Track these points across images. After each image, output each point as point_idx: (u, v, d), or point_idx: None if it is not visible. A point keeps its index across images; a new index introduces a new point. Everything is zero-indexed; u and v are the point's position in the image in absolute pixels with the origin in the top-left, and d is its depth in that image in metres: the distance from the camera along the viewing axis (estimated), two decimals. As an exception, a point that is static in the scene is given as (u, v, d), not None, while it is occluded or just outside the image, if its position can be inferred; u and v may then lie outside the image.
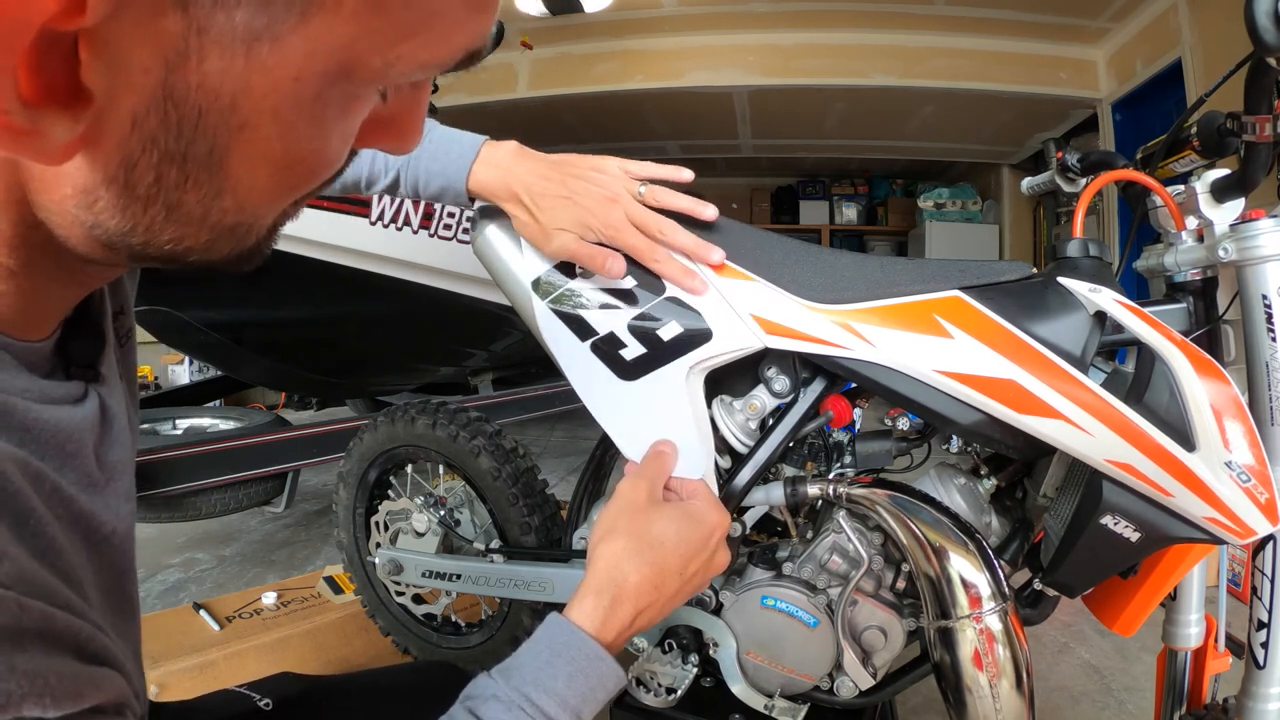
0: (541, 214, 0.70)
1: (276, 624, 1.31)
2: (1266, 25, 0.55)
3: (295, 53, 0.25)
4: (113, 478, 0.38)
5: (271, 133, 0.27)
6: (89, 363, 0.38)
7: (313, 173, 0.31)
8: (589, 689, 0.50)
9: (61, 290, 0.34)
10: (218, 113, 0.26)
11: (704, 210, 0.71)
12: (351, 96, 0.29)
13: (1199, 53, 3.06)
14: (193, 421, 2.34)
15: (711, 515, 0.62)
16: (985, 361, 0.64)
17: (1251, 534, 0.60)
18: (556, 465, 3.08)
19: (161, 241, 0.30)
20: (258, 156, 0.28)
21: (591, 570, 0.57)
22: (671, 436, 0.73)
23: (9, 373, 0.32)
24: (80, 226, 0.29)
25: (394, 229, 1.97)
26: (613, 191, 0.70)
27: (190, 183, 0.28)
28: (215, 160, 0.27)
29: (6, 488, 0.28)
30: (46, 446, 0.32)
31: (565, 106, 4.21)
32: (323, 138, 0.30)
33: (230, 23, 0.24)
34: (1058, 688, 1.43)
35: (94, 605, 0.33)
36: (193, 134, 0.26)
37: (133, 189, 0.28)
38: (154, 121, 0.26)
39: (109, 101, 0.25)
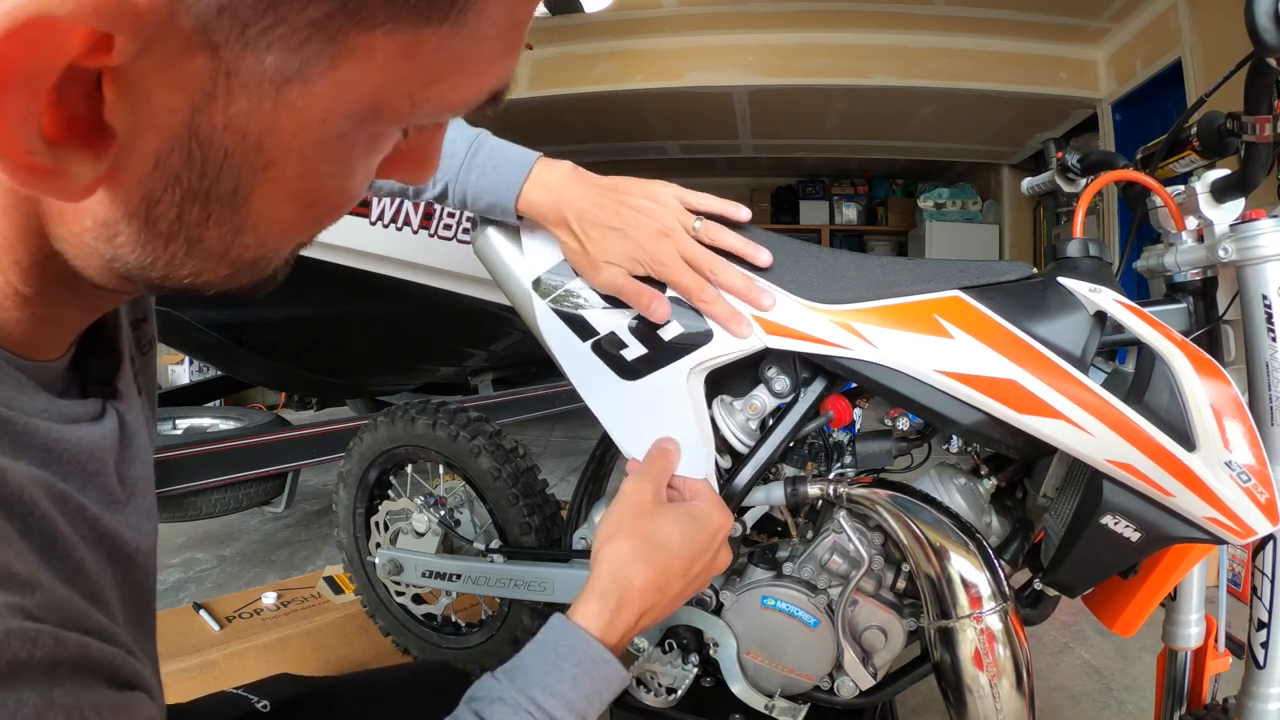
0: (591, 244, 0.69)
1: (276, 624, 1.31)
2: (1266, 25, 0.55)
3: (324, 96, 0.25)
4: (134, 494, 0.38)
5: (296, 172, 0.27)
6: (105, 380, 0.38)
7: (334, 209, 0.31)
8: (594, 691, 0.50)
9: (75, 314, 0.34)
10: (243, 153, 0.26)
11: (758, 255, 0.69)
12: (377, 136, 0.29)
13: (1199, 53, 3.06)
14: (193, 421, 2.34)
15: (715, 516, 0.62)
16: (985, 361, 0.64)
17: (1251, 534, 0.60)
18: (556, 465, 3.08)
19: (181, 275, 0.30)
20: (281, 195, 0.28)
21: (596, 572, 0.56)
22: (672, 433, 0.73)
23: (27, 394, 0.32)
24: (99, 259, 0.29)
25: (394, 229, 1.97)
26: (665, 225, 0.68)
27: (213, 220, 0.28)
28: (239, 199, 0.27)
29: (34, 512, 0.28)
30: (68, 466, 0.32)
31: (565, 106, 4.21)
32: (346, 175, 0.29)
33: (260, 66, 0.24)
34: (1058, 688, 1.43)
35: (120, 624, 0.32)
36: (217, 173, 0.26)
37: (154, 225, 0.27)
38: (177, 160, 0.25)
39: (132, 140, 0.24)
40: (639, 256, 0.68)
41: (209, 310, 2.09)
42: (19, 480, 0.28)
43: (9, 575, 0.25)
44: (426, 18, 0.25)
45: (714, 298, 0.69)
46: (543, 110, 4.22)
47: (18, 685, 0.23)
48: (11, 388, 0.31)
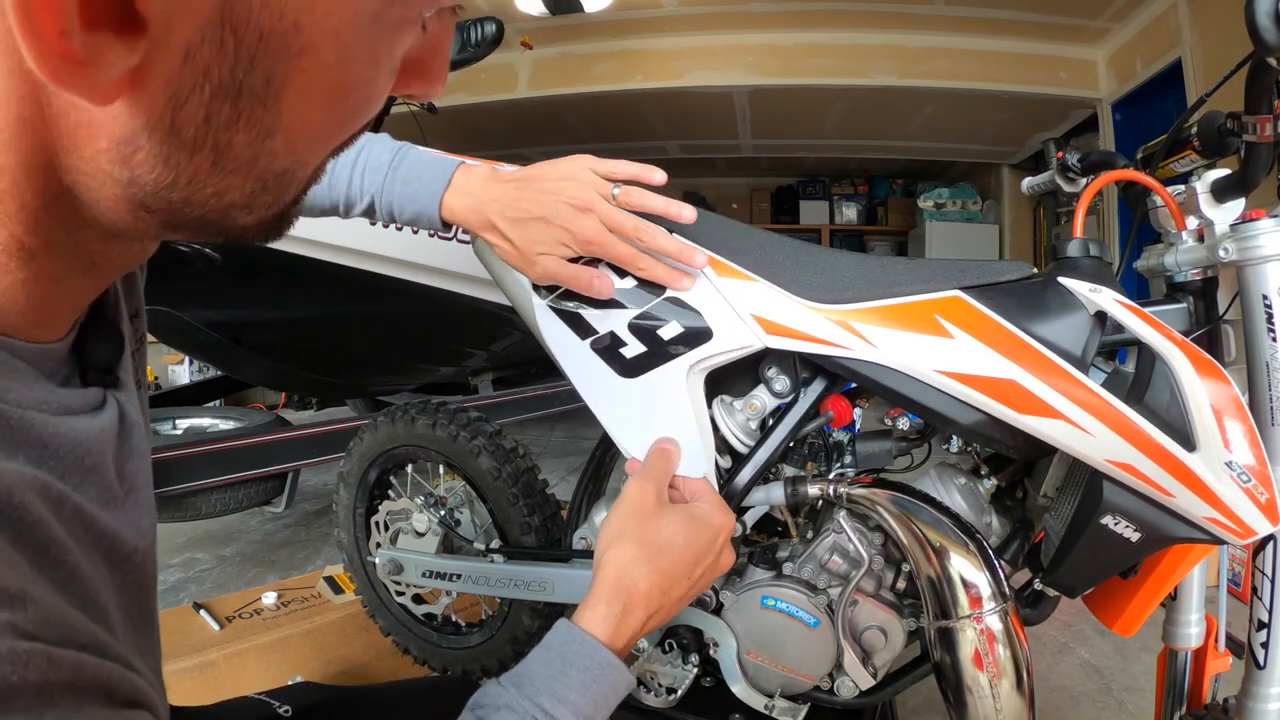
0: (519, 240, 0.69)
1: (276, 624, 1.31)
2: (1266, 25, 0.55)
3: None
4: (133, 490, 0.37)
5: (330, 58, 0.26)
6: (107, 367, 0.36)
7: (362, 107, 0.30)
8: (601, 696, 0.50)
9: (79, 280, 0.32)
10: (279, 35, 0.24)
11: (681, 211, 0.68)
12: (402, 20, 0.28)
13: (1199, 53, 3.06)
14: (193, 421, 2.35)
15: (717, 517, 0.62)
16: (985, 361, 0.64)
17: (1252, 534, 0.60)
18: (556, 465, 3.08)
19: (204, 196, 0.28)
20: (314, 87, 0.26)
21: (601, 577, 0.56)
22: (672, 432, 0.73)
23: (25, 383, 0.30)
24: (115, 185, 0.27)
25: (394, 229, 1.96)
26: (584, 199, 0.67)
27: (243, 121, 0.26)
28: (272, 93, 0.26)
29: (26, 518, 0.27)
30: (65, 462, 0.31)
31: (565, 106, 4.21)
32: (375, 65, 0.28)
33: None
34: (1058, 688, 1.43)
35: (117, 628, 0.32)
36: (250, 62, 0.24)
37: (179, 132, 0.25)
38: (209, 51, 0.24)
39: (164, 30, 0.23)
40: (566, 240, 0.68)
41: (209, 310, 2.09)
42: (11, 486, 0.26)
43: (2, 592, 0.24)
44: None
45: (650, 264, 0.69)
46: (543, 110, 4.22)
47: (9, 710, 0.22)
48: (8, 377, 0.29)
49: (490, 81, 4.06)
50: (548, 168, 0.70)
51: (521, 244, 0.69)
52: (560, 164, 0.70)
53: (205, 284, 1.97)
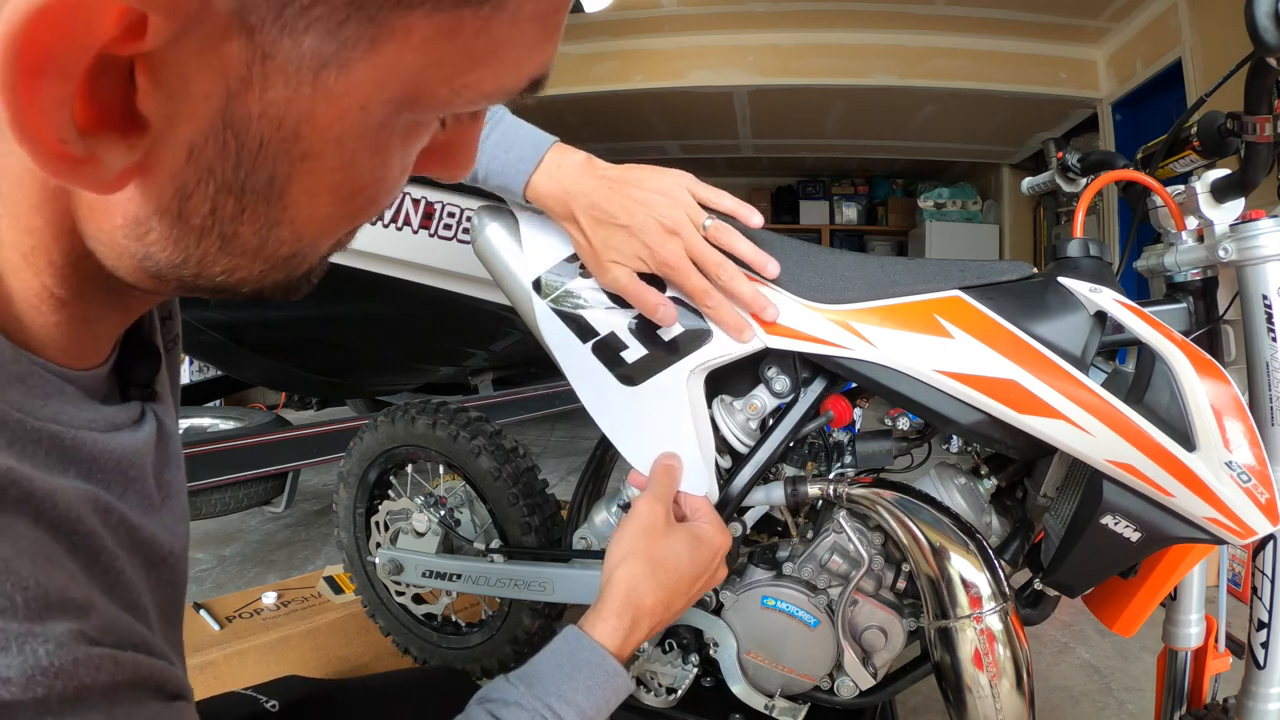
0: (597, 241, 0.67)
1: (276, 624, 1.31)
2: (1266, 25, 0.55)
3: (363, 80, 0.24)
4: (169, 497, 0.38)
5: (334, 163, 0.27)
6: (145, 383, 0.38)
7: (373, 201, 0.30)
8: (604, 701, 0.53)
9: (112, 317, 0.34)
10: (280, 142, 0.25)
11: (766, 265, 0.68)
12: (415, 125, 0.29)
13: (1199, 53, 3.06)
14: (193, 421, 2.34)
15: (717, 537, 0.66)
16: (985, 361, 0.64)
17: (1252, 534, 0.60)
18: (556, 465, 3.08)
19: (214, 273, 0.29)
20: (319, 187, 0.27)
21: (611, 591, 0.59)
22: (672, 442, 0.73)
23: (75, 405, 0.31)
24: (130, 258, 0.28)
25: (394, 229, 1.96)
26: (674, 221, 0.65)
27: (247, 214, 0.27)
28: (274, 191, 0.27)
29: (80, 530, 0.28)
30: (111, 475, 0.32)
31: (565, 106, 4.21)
32: (384, 166, 0.29)
33: (297, 49, 0.23)
34: (1058, 688, 1.43)
35: (155, 627, 0.33)
36: (252, 164, 0.25)
37: (186, 220, 0.27)
38: (212, 151, 0.25)
39: (166, 129, 0.24)
40: (644, 255, 0.66)
41: (209, 310, 2.09)
42: (67, 500, 0.28)
43: (67, 600, 0.25)
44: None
45: (719, 303, 0.68)
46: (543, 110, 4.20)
47: (85, 710, 0.24)
48: (60, 401, 0.30)
49: None
50: (647, 176, 0.68)
51: (599, 245, 0.67)
52: (661, 176, 0.68)
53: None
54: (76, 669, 0.24)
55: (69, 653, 0.24)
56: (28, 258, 0.28)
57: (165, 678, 0.29)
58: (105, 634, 0.26)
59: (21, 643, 0.23)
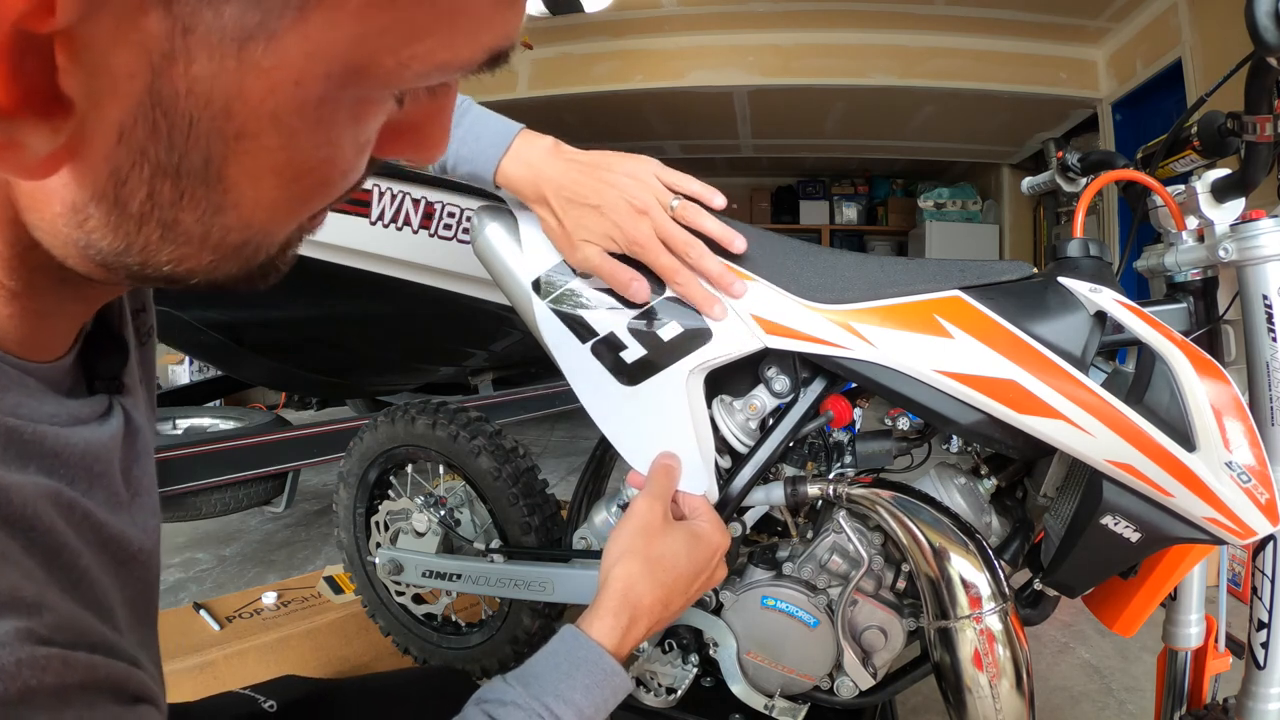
0: (568, 221, 0.68)
1: (276, 624, 1.31)
2: (1266, 25, 0.55)
3: (294, 53, 0.23)
4: (138, 493, 0.37)
5: (273, 142, 0.25)
6: (112, 375, 0.37)
7: (325, 184, 0.28)
8: (602, 700, 0.53)
9: (71, 308, 0.33)
10: (210, 120, 0.24)
11: (733, 240, 0.69)
12: (363, 101, 0.27)
13: (1199, 53, 3.06)
14: (193, 421, 2.34)
15: (715, 537, 0.66)
16: (985, 361, 0.64)
17: (1252, 534, 0.60)
18: (556, 465, 3.08)
19: (160, 262, 0.28)
20: (260, 168, 0.26)
21: (609, 590, 0.59)
22: (672, 442, 0.73)
23: (36, 398, 0.31)
24: (74, 246, 0.27)
25: (394, 229, 1.96)
26: (643, 202, 0.67)
27: (186, 199, 0.26)
28: (212, 174, 0.25)
29: (38, 526, 0.27)
30: (75, 470, 0.31)
31: (565, 106, 4.21)
32: (332, 145, 0.27)
33: (219, 20, 0.22)
34: (1058, 688, 1.43)
35: (123, 626, 0.33)
36: (185, 145, 0.24)
37: (124, 206, 0.25)
38: (142, 132, 0.23)
39: (92, 110, 0.23)
40: (615, 235, 0.68)
41: (209, 310, 2.09)
42: (24, 496, 0.27)
43: (16, 599, 0.25)
44: None
45: (689, 280, 0.69)
46: (543, 110, 4.21)
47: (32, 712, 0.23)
48: (19, 393, 0.30)
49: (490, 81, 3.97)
50: (615, 160, 0.69)
51: (570, 226, 0.68)
52: (628, 160, 0.70)
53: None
54: (20, 670, 0.23)
55: (11, 653, 0.23)
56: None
57: (124, 679, 0.28)
58: (58, 632, 0.26)
59: None
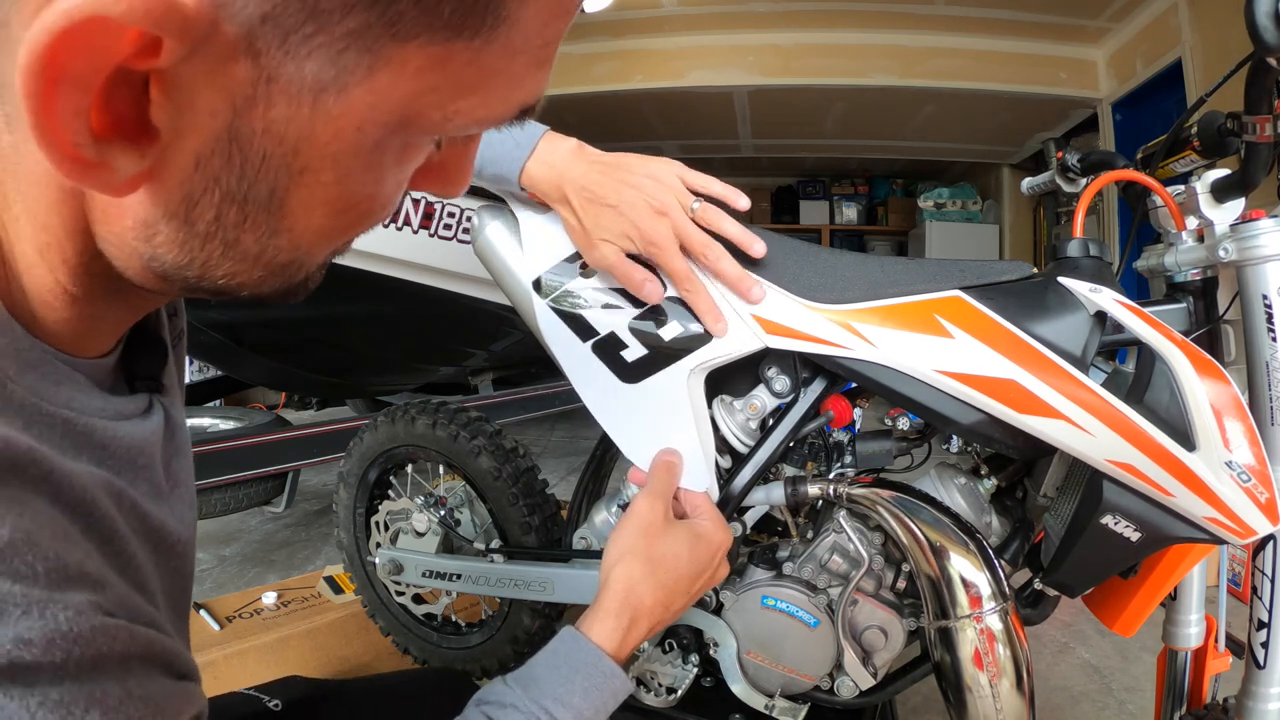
0: (588, 220, 0.69)
1: (276, 624, 1.31)
2: (1266, 25, 0.55)
3: (359, 104, 0.26)
4: (177, 485, 0.40)
5: (330, 178, 0.28)
6: (152, 375, 0.40)
7: (367, 215, 0.32)
8: (602, 702, 0.53)
9: (119, 313, 0.35)
10: (280, 157, 0.27)
11: (753, 245, 0.69)
12: (409, 146, 0.30)
13: (1199, 53, 3.06)
14: (193, 421, 2.34)
15: (717, 535, 0.65)
16: (985, 361, 0.64)
17: (1252, 534, 0.60)
18: (556, 465, 3.08)
19: (216, 276, 0.31)
20: (315, 200, 0.29)
21: (609, 590, 0.59)
22: (673, 439, 0.73)
23: (85, 393, 0.33)
24: (138, 259, 0.30)
25: (394, 229, 1.96)
26: (662, 203, 0.67)
27: (249, 223, 0.29)
28: (275, 202, 0.28)
29: (94, 512, 0.29)
30: (122, 462, 0.34)
31: (565, 106, 4.20)
32: (378, 183, 0.30)
33: (300, 73, 0.25)
34: (1058, 688, 1.43)
35: (163, 613, 0.34)
36: (255, 176, 0.27)
37: (192, 225, 0.28)
38: (218, 162, 0.26)
39: (175, 140, 0.25)
40: (632, 235, 0.68)
41: (209, 310, 2.09)
42: (83, 483, 0.29)
43: (84, 573, 0.26)
44: (459, 31, 0.25)
45: (699, 289, 0.69)
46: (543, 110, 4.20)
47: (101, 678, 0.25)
48: (71, 388, 0.32)
49: None
50: (637, 162, 0.70)
51: (589, 225, 0.69)
52: (651, 162, 0.70)
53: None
54: (95, 636, 0.25)
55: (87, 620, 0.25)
56: (43, 253, 0.30)
57: (173, 656, 0.30)
58: (119, 609, 0.27)
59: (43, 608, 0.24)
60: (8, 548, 0.24)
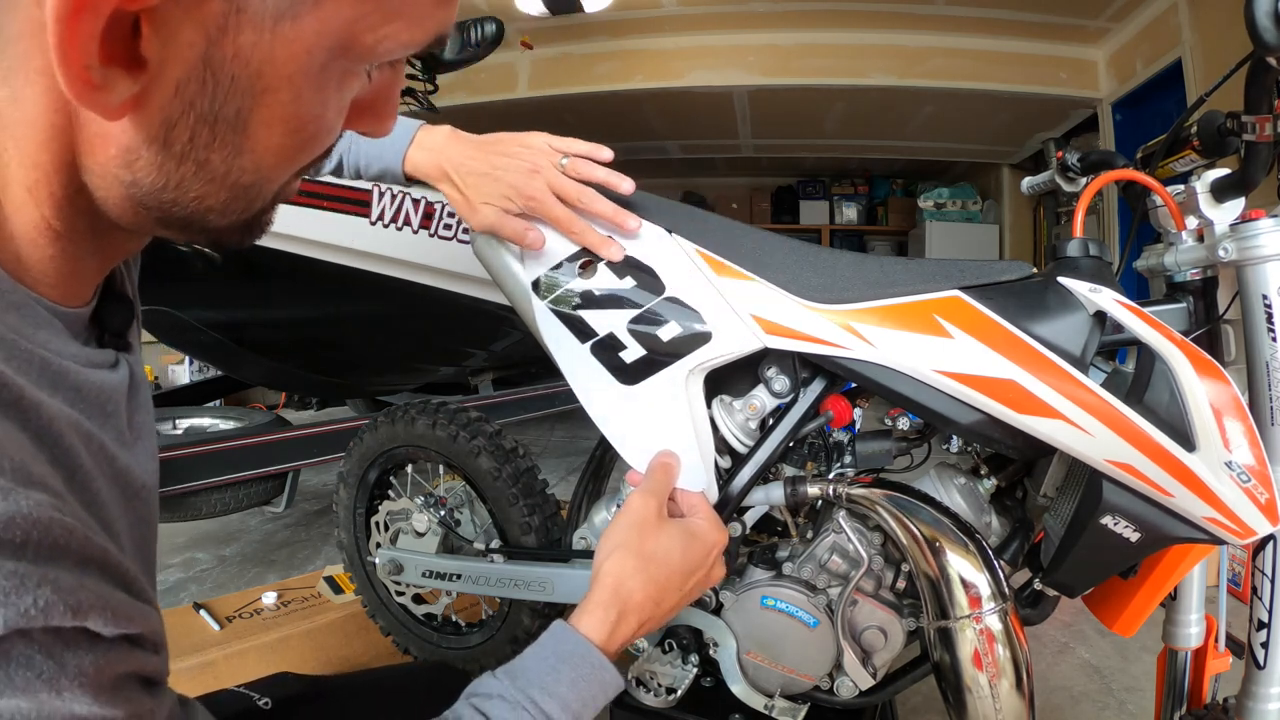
0: (468, 190, 0.74)
1: (276, 624, 1.31)
2: (1266, 25, 0.55)
3: (309, 29, 0.31)
4: (140, 437, 0.43)
5: (286, 97, 0.33)
6: (120, 331, 0.43)
7: (315, 138, 0.36)
8: (590, 695, 0.53)
9: (91, 261, 0.38)
10: (246, 79, 0.31)
11: (621, 183, 0.74)
12: (347, 72, 0.35)
13: (1199, 53, 3.06)
14: (193, 421, 2.34)
15: (712, 533, 0.65)
16: (985, 361, 0.64)
17: (1251, 534, 0.60)
18: (556, 465, 3.08)
19: (188, 199, 0.35)
20: (274, 119, 0.33)
21: (599, 584, 0.59)
22: (671, 441, 0.73)
23: (61, 339, 0.36)
24: (120, 186, 0.34)
25: (394, 229, 1.96)
26: (534, 164, 0.73)
27: (218, 142, 0.33)
28: (240, 122, 0.33)
29: (60, 445, 0.32)
30: (92, 406, 0.37)
31: (565, 106, 4.20)
32: (324, 105, 0.35)
33: (263, 4, 0.30)
34: (1058, 688, 1.43)
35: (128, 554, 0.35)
36: (224, 98, 0.31)
37: (170, 147, 0.32)
38: (193, 88, 0.31)
39: (159, 70, 0.30)
40: (510, 195, 0.73)
41: (209, 310, 2.09)
42: (51, 414, 0.32)
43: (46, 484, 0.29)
44: None
45: (584, 228, 0.73)
46: (543, 110, 4.22)
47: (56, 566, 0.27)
48: (50, 332, 0.35)
49: (490, 81, 4.05)
50: (508, 136, 0.76)
51: (470, 194, 0.74)
52: (520, 135, 0.76)
53: (205, 284, 1.97)
54: (52, 526, 0.27)
55: (46, 512, 0.27)
56: (32, 191, 0.34)
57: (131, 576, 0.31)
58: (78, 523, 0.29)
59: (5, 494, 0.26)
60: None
